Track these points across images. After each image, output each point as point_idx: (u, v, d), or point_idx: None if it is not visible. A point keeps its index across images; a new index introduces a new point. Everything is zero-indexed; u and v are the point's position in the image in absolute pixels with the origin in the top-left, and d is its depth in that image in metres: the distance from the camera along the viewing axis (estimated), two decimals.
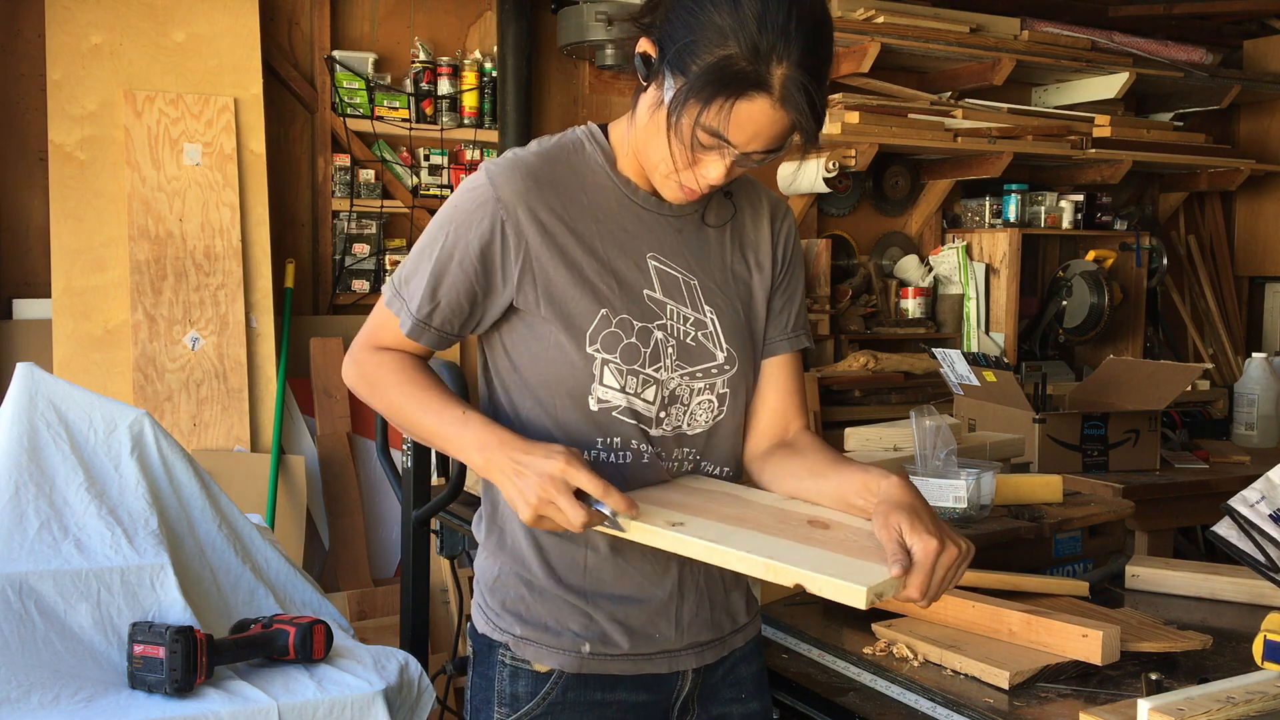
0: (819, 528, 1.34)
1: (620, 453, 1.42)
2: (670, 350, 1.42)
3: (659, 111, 1.31)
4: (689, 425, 1.45)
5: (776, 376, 1.54)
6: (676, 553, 1.30)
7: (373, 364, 1.44)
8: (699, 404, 1.45)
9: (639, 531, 1.30)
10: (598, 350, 1.38)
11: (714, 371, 1.45)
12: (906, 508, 1.29)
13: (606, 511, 1.27)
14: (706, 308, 1.45)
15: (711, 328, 1.45)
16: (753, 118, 1.27)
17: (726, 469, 1.51)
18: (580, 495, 1.28)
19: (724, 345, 1.46)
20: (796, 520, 1.36)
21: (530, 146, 1.44)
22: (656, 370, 1.41)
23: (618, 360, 1.39)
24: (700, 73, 1.25)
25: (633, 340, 1.39)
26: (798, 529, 1.33)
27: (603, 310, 1.38)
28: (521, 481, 1.28)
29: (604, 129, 1.47)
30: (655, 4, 1.33)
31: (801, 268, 1.59)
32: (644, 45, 1.32)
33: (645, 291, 1.41)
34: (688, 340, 1.43)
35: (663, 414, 1.42)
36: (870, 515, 1.35)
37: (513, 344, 1.43)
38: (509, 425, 1.44)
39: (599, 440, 1.41)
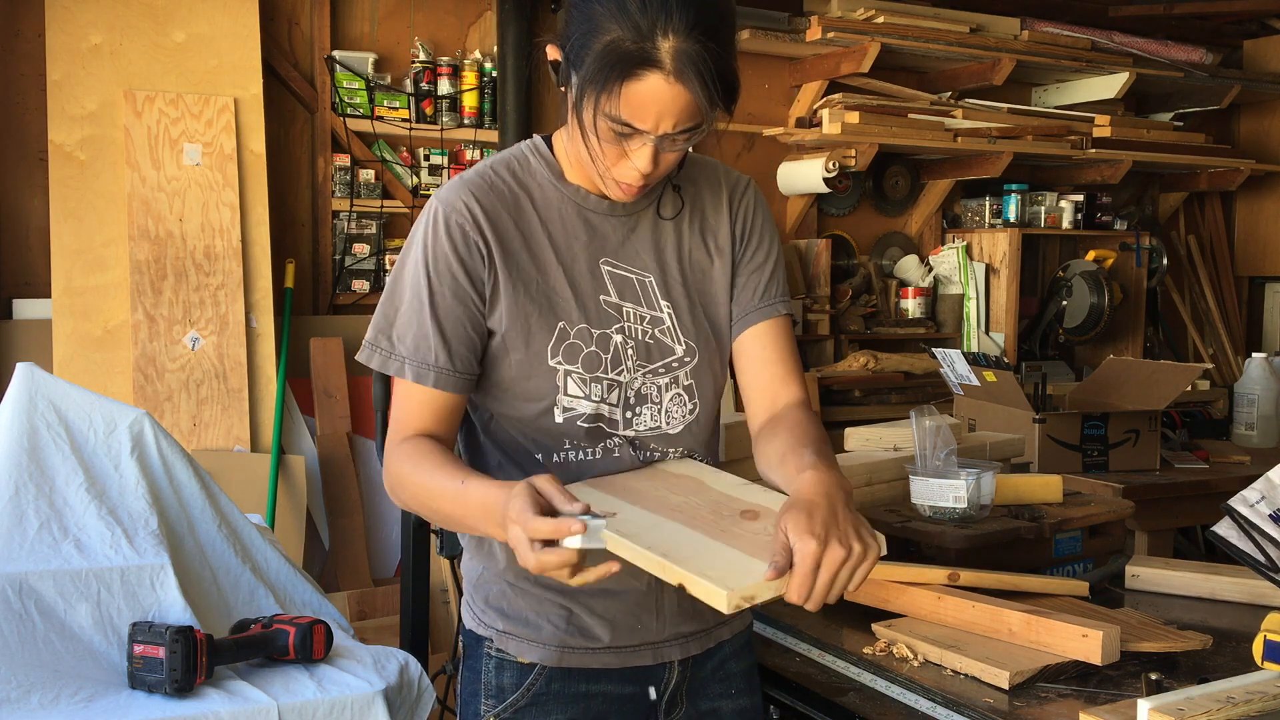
0: (749, 519, 1.33)
1: (590, 449, 1.43)
2: (630, 352, 1.43)
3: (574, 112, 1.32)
4: (668, 424, 1.46)
5: (754, 349, 1.50)
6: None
7: (393, 463, 1.37)
8: (670, 400, 1.46)
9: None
10: (559, 362, 1.39)
11: (675, 365, 1.46)
12: (802, 505, 1.22)
13: (575, 544, 1.16)
14: (663, 303, 1.45)
15: (669, 323, 1.46)
16: (650, 96, 1.25)
17: (710, 459, 1.52)
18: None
19: (682, 339, 1.46)
20: (730, 512, 1.35)
21: (475, 168, 1.45)
22: (619, 374, 1.42)
23: (580, 370, 1.40)
24: (590, 62, 1.25)
25: (593, 349, 1.41)
26: (726, 520, 1.32)
27: (560, 323, 1.39)
28: (497, 525, 1.23)
29: (548, 140, 1.47)
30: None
31: (769, 238, 1.54)
32: (551, 52, 1.33)
33: (601, 297, 1.42)
34: (646, 339, 1.44)
35: (630, 414, 1.43)
36: None
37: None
38: (481, 439, 1.45)
39: (567, 441, 1.42)
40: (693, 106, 1.27)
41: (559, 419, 1.41)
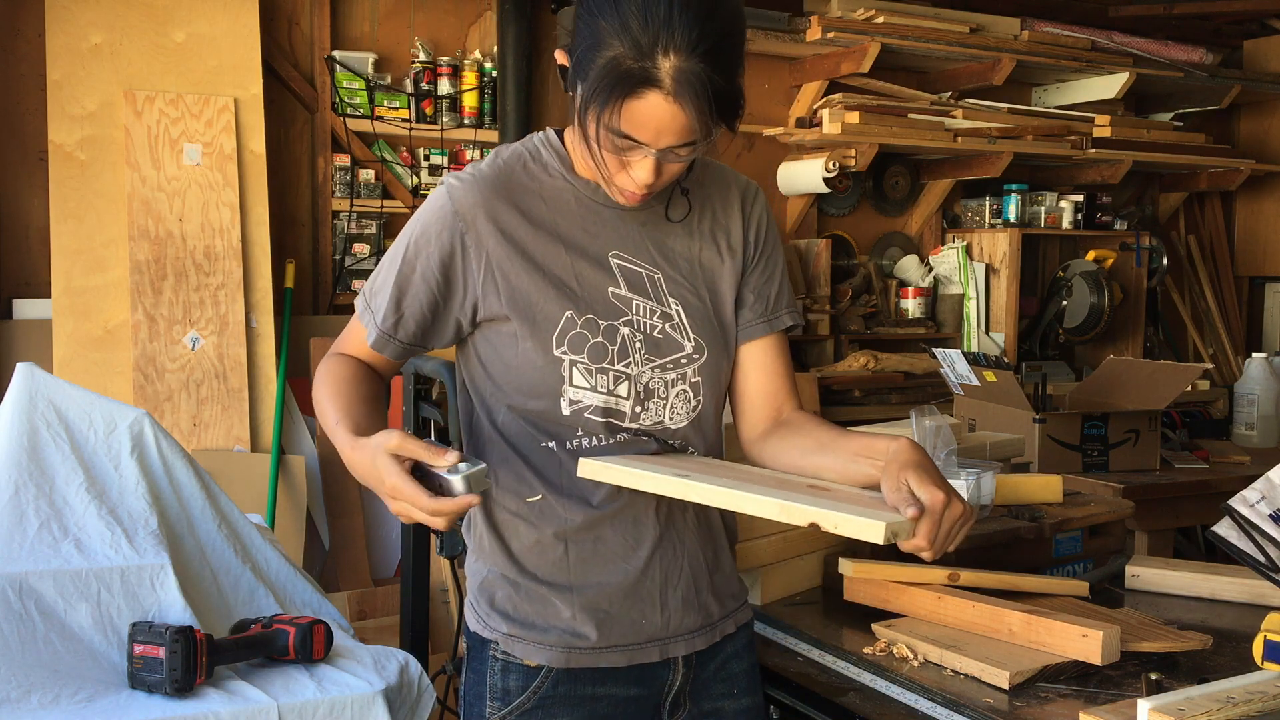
0: (820, 490, 1.36)
1: (603, 438, 1.43)
2: (638, 344, 1.43)
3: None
4: (671, 418, 1.47)
5: (760, 360, 1.54)
6: (684, 498, 1.32)
7: (323, 367, 1.48)
8: (676, 395, 1.47)
9: (645, 481, 1.31)
10: (565, 352, 1.40)
11: (683, 361, 1.47)
12: (914, 465, 1.29)
13: (456, 482, 1.22)
14: (671, 300, 1.47)
15: (678, 319, 1.47)
16: (649, 114, 1.27)
17: (711, 456, 1.52)
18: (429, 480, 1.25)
19: (691, 336, 1.47)
20: (797, 484, 1.38)
21: (488, 159, 1.47)
22: (626, 365, 1.43)
23: (585, 360, 1.41)
24: (593, 77, 1.26)
25: (599, 339, 1.41)
26: (801, 490, 1.35)
27: (567, 312, 1.40)
28: (373, 489, 1.29)
29: (560, 133, 1.49)
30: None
31: (779, 249, 1.58)
32: (560, 57, 1.35)
33: (610, 289, 1.43)
34: (655, 333, 1.45)
35: (639, 409, 1.44)
36: (873, 482, 1.35)
37: (484, 352, 1.46)
38: (489, 432, 1.47)
39: (580, 429, 1.43)
40: (692, 123, 1.28)
41: (566, 410, 1.41)
